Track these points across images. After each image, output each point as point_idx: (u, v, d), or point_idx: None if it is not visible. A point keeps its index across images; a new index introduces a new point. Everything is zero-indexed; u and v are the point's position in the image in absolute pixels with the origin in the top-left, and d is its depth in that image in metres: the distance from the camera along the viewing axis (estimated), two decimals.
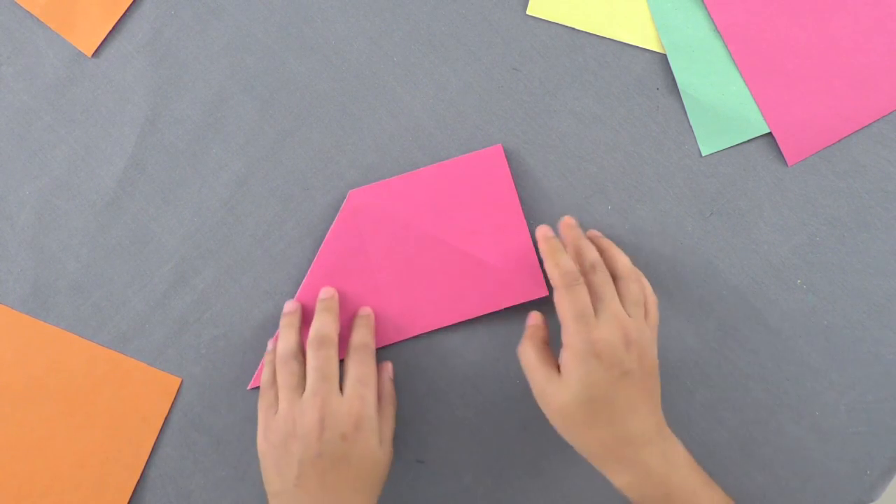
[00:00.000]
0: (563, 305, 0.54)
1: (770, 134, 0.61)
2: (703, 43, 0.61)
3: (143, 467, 0.63)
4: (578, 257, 0.57)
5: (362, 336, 0.59)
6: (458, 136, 0.63)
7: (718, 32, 0.61)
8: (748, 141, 0.61)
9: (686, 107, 0.61)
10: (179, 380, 0.64)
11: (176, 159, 0.64)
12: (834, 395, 0.61)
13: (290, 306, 0.61)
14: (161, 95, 0.64)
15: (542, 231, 0.58)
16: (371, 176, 0.63)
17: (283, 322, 0.60)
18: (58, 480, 0.63)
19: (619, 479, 0.53)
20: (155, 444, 0.63)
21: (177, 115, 0.64)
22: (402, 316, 0.62)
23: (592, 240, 0.59)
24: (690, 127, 0.62)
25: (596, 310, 0.54)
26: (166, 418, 0.64)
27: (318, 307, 0.60)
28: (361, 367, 0.57)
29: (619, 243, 0.62)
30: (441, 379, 0.63)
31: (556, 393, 0.54)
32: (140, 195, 0.64)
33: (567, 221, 0.59)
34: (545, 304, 0.60)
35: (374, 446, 0.56)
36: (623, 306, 0.55)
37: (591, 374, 0.53)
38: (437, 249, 0.62)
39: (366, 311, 0.61)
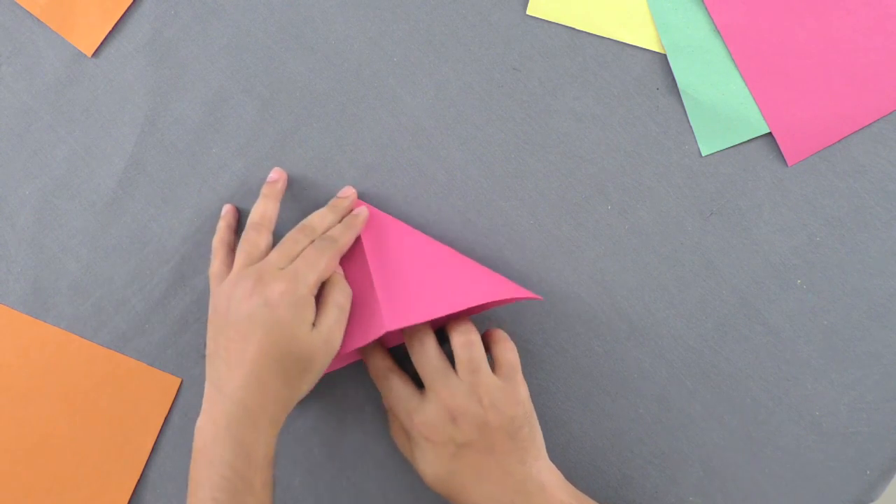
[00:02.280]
0: (386, 397, 0.58)
1: (770, 134, 0.61)
2: (703, 43, 0.61)
3: (143, 467, 0.63)
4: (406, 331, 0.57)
5: (336, 230, 0.59)
6: (458, 136, 0.63)
7: (718, 32, 0.61)
8: (748, 141, 0.61)
9: (686, 107, 0.61)
10: (179, 380, 0.64)
11: (176, 159, 0.64)
12: (834, 395, 0.61)
13: (275, 174, 0.62)
14: (161, 95, 0.64)
15: None
16: (371, 176, 0.63)
17: (264, 190, 0.61)
18: (58, 480, 0.63)
19: None
20: (155, 444, 0.63)
21: (177, 115, 0.64)
22: (393, 305, 0.61)
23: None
24: (690, 127, 0.62)
25: (425, 386, 0.56)
26: (166, 418, 0.64)
27: (331, 204, 0.61)
28: (315, 253, 0.56)
29: (619, 243, 0.62)
30: None
31: (417, 467, 0.57)
32: (140, 195, 0.64)
33: None
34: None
35: (299, 325, 0.54)
36: (459, 373, 0.55)
37: (427, 456, 0.55)
38: (437, 248, 0.62)
39: (359, 210, 0.61)
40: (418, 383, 0.57)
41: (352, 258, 0.61)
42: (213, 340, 0.56)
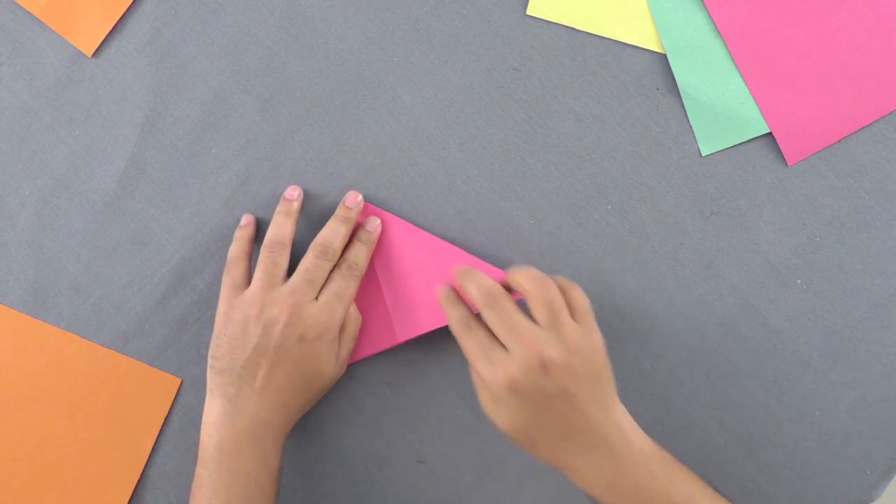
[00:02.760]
0: (467, 349, 0.54)
1: (770, 134, 0.61)
2: (703, 43, 0.61)
3: (143, 467, 0.63)
4: (474, 294, 0.54)
5: (357, 254, 0.60)
6: (457, 136, 0.63)
7: (718, 32, 0.61)
8: (748, 141, 0.61)
9: (686, 107, 0.61)
10: (179, 380, 0.64)
11: (176, 159, 0.64)
12: (834, 395, 0.61)
13: (292, 192, 0.62)
14: (161, 95, 0.64)
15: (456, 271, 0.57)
16: (371, 176, 0.63)
17: (281, 208, 0.61)
18: (57, 480, 0.63)
19: (580, 484, 0.53)
20: (155, 444, 0.63)
21: (177, 115, 0.64)
22: (403, 316, 0.62)
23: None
24: (690, 127, 0.62)
25: (504, 341, 0.52)
26: (166, 418, 0.64)
27: (339, 214, 0.60)
28: (343, 283, 0.58)
29: (619, 243, 0.62)
30: (441, 379, 0.63)
31: (497, 420, 0.54)
32: (140, 195, 0.64)
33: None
34: None
35: (328, 360, 0.58)
36: (538, 320, 0.53)
37: (512, 410, 0.52)
38: (437, 248, 0.62)
39: (373, 224, 0.61)
40: None
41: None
42: (229, 355, 0.57)
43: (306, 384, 0.58)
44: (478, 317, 0.55)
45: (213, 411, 0.57)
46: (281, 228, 0.60)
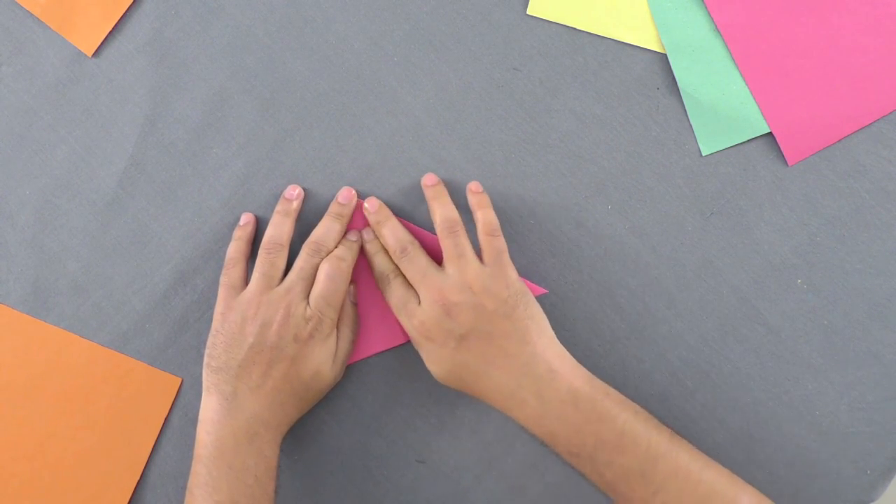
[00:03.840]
0: (389, 303, 0.59)
1: (770, 133, 0.61)
2: (703, 43, 0.61)
3: (143, 467, 0.63)
4: (389, 244, 0.59)
5: (342, 254, 0.60)
6: (458, 136, 0.63)
7: (719, 32, 0.61)
8: (748, 141, 0.61)
9: (686, 106, 0.61)
10: (179, 380, 0.64)
11: (176, 159, 0.64)
12: (834, 395, 0.61)
13: (291, 192, 0.62)
14: (161, 95, 0.64)
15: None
16: (371, 176, 0.63)
17: (280, 208, 0.61)
18: (58, 480, 0.63)
19: (515, 419, 0.56)
20: (155, 444, 0.63)
21: (177, 115, 0.64)
22: None
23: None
24: (691, 127, 0.62)
25: (417, 291, 0.57)
26: (166, 418, 0.64)
27: (332, 211, 0.61)
28: (331, 284, 0.59)
29: (619, 243, 0.62)
30: None
31: (429, 367, 0.58)
32: (140, 195, 0.64)
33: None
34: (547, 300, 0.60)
35: (322, 360, 0.58)
36: (445, 266, 0.57)
37: (432, 356, 0.57)
38: (436, 247, 0.62)
39: (354, 234, 0.61)
40: None
41: (359, 262, 0.62)
42: (225, 354, 0.57)
43: (303, 383, 0.58)
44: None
45: (210, 409, 0.57)
46: (279, 228, 0.60)
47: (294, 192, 0.61)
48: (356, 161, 0.63)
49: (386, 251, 0.60)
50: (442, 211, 0.58)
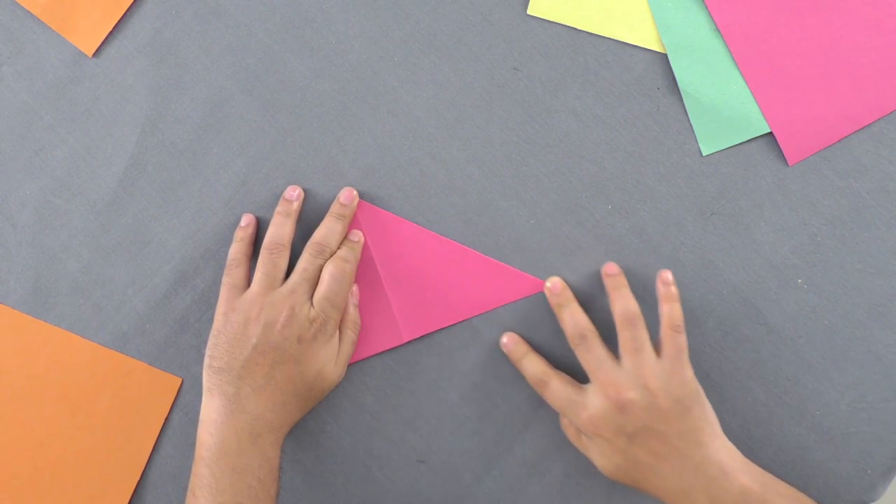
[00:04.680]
0: (552, 403, 0.58)
1: (771, 133, 0.61)
2: (703, 42, 0.61)
3: (143, 467, 0.63)
4: (568, 329, 0.58)
5: (346, 255, 0.60)
6: (458, 136, 0.63)
7: (719, 32, 0.61)
8: (749, 140, 0.61)
9: (686, 106, 0.61)
10: (180, 380, 0.64)
11: (177, 159, 0.64)
12: (834, 395, 0.61)
13: (291, 192, 0.62)
14: (162, 95, 0.64)
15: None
16: (371, 176, 0.63)
17: (281, 208, 0.61)
18: (58, 480, 0.63)
19: None
20: (155, 444, 0.64)
21: (177, 115, 0.64)
22: (405, 317, 0.62)
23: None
24: (691, 126, 0.62)
25: (590, 380, 0.57)
26: (166, 418, 0.64)
27: (334, 211, 0.61)
28: (335, 285, 0.59)
29: (620, 243, 0.62)
30: (441, 379, 0.63)
31: (595, 463, 0.57)
32: (141, 195, 0.64)
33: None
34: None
35: (326, 361, 0.58)
36: (621, 359, 0.56)
37: (600, 450, 0.56)
38: (440, 246, 0.62)
39: (356, 235, 0.62)
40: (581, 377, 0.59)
41: (360, 263, 0.62)
42: (228, 354, 0.57)
43: (305, 384, 0.58)
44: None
45: (213, 410, 0.57)
46: (281, 229, 0.60)
47: (294, 193, 0.61)
48: (356, 161, 0.63)
49: (535, 353, 0.60)
50: (622, 303, 0.57)
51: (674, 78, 0.61)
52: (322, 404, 0.62)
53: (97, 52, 0.64)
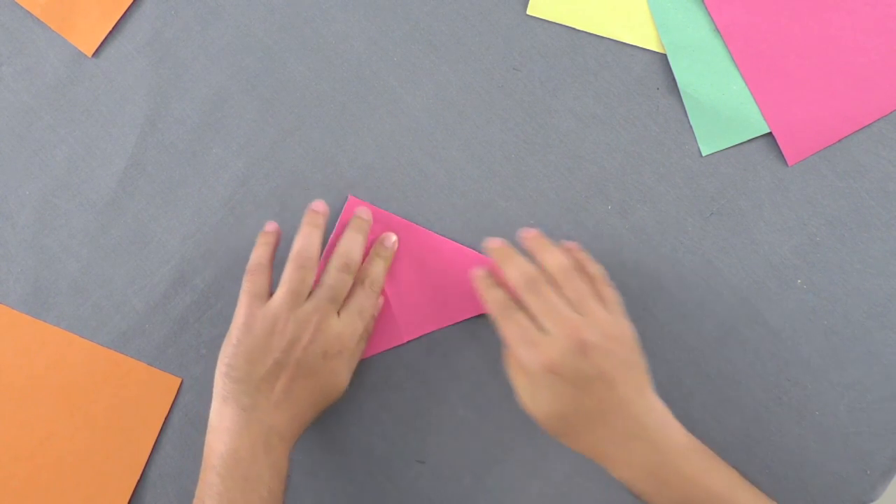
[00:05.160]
0: (507, 333, 0.55)
1: (770, 134, 0.61)
2: (703, 43, 0.61)
3: (143, 467, 0.63)
4: (514, 278, 0.56)
5: (377, 269, 0.60)
6: (458, 136, 0.63)
7: (718, 32, 0.61)
8: (748, 141, 0.61)
9: (686, 107, 0.61)
10: (179, 380, 0.64)
11: (176, 159, 0.64)
12: (834, 395, 0.61)
13: (319, 206, 0.60)
14: (161, 95, 0.64)
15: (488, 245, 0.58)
16: (371, 176, 0.63)
17: (308, 219, 0.59)
18: (58, 480, 0.63)
19: (617, 474, 0.54)
20: (155, 444, 0.63)
21: (177, 115, 0.64)
22: (405, 316, 0.62)
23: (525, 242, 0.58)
24: (691, 127, 0.62)
25: (542, 324, 0.54)
26: (166, 418, 0.64)
27: (353, 224, 0.60)
28: (366, 300, 0.59)
29: (620, 243, 0.62)
30: (441, 379, 0.63)
31: (533, 407, 0.54)
32: (140, 195, 0.64)
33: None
34: None
35: (346, 374, 0.58)
36: (573, 307, 0.54)
37: (548, 393, 0.53)
38: (440, 246, 0.62)
39: (390, 240, 0.61)
40: None
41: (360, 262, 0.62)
42: (248, 365, 0.56)
43: (323, 396, 0.58)
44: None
45: (227, 418, 0.56)
46: (309, 240, 0.58)
47: (322, 206, 0.60)
48: (356, 161, 0.63)
49: (500, 283, 0.57)
50: (553, 259, 0.56)
51: (673, 78, 0.61)
52: None
53: (97, 52, 0.64)
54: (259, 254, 0.59)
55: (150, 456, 0.63)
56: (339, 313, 0.58)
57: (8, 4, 0.64)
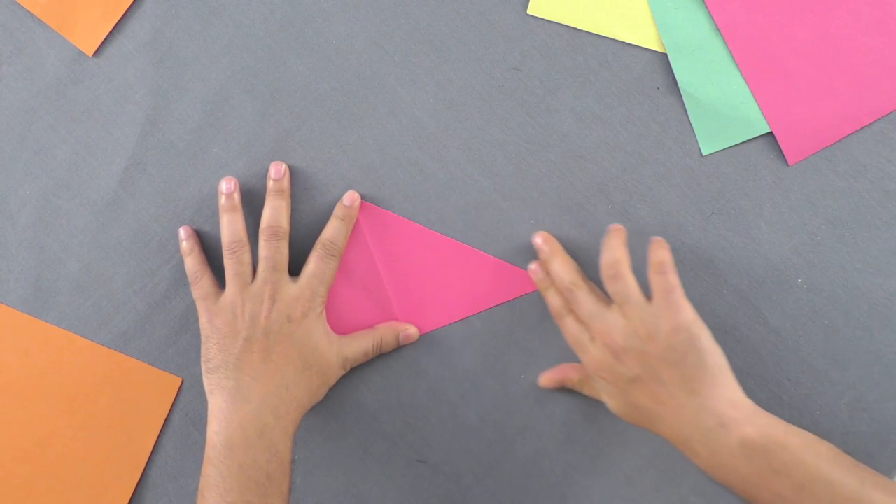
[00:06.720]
0: (567, 340, 0.58)
1: (771, 133, 0.61)
2: (703, 42, 0.61)
3: (143, 467, 0.63)
4: (555, 283, 0.59)
5: (334, 231, 0.60)
6: (458, 136, 0.63)
7: (719, 31, 0.61)
8: (749, 140, 0.61)
9: (687, 106, 0.61)
10: (180, 379, 0.64)
11: (177, 159, 0.64)
12: (834, 395, 0.61)
13: (228, 185, 0.61)
14: (162, 95, 0.64)
15: (534, 265, 0.61)
16: (371, 176, 0.63)
17: (225, 204, 0.60)
18: (58, 480, 0.63)
19: (694, 461, 0.54)
20: (155, 443, 0.64)
21: (177, 115, 0.64)
22: (406, 316, 0.62)
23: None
24: (691, 126, 0.62)
25: (588, 329, 0.57)
26: (166, 418, 0.64)
27: (271, 189, 0.61)
28: (320, 263, 0.60)
29: None
30: (441, 379, 0.63)
31: (605, 401, 0.57)
32: (141, 195, 0.64)
33: (544, 237, 0.61)
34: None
35: (320, 336, 0.59)
36: (612, 308, 0.56)
37: (605, 392, 0.57)
38: (438, 246, 0.62)
39: (350, 198, 0.61)
40: None
41: (361, 262, 0.62)
42: (221, 353, 0.57)
43: (304, 360, 0.58)
44: None
45: (217, 407, 0.57)
46: (233, 226, 0.60)
47: (231, 185, 0.61)
48: (356, 161, 0.63)
49: (553, 285, 0.59)
50: (609, 254, 0.56)
51: (674, 78, 0.61)
52: (322, 404, 0.62)
53: (97, 52, 0.64)
54: (190, 263, 0.61)
55: (150, 456, 0.64)
56: (296, 280, 0.59)
57: (8, 4, 0.64)
